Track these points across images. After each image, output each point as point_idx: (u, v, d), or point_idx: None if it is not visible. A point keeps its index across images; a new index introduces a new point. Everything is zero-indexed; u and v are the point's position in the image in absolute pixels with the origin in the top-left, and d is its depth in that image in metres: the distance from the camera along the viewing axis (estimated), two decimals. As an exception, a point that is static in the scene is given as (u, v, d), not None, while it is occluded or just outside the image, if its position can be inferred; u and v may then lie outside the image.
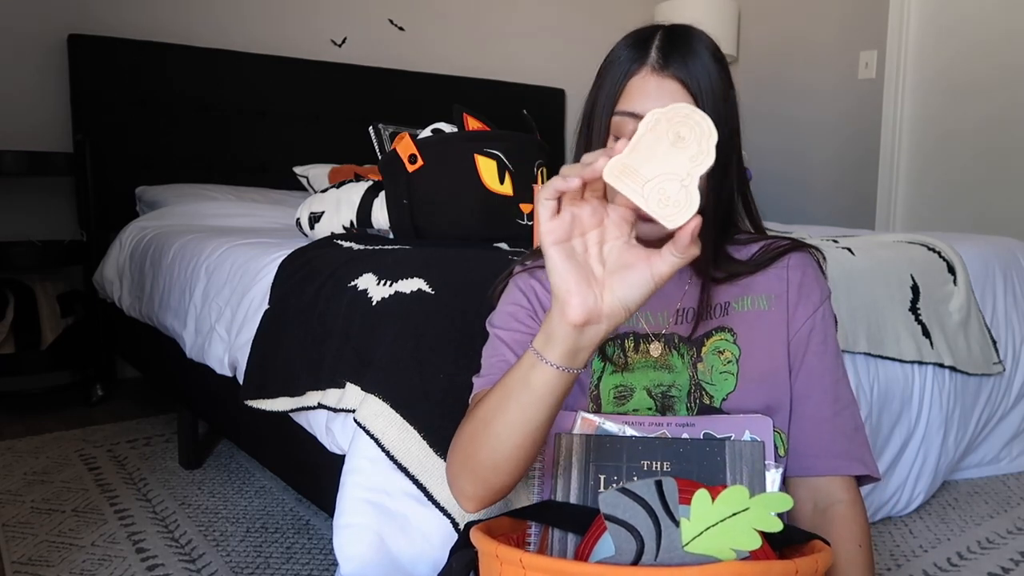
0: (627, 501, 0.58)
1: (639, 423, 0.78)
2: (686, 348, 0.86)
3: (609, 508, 0.58)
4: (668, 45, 0.82)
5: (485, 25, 3.67)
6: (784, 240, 0.91)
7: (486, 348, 0.90)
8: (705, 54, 0.82)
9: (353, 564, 0.98)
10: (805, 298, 0.88)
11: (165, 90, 2.78)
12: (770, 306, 0.88)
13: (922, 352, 1.66)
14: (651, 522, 0.58)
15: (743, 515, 0.57)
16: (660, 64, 0.81)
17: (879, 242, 1.86)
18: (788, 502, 0.58)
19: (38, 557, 1.50)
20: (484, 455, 0.75)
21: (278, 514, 1.70)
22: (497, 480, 0.76)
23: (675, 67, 0.81)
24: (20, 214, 2.63)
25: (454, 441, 0.82)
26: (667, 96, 0.80)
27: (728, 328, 0.87)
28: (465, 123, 1.64)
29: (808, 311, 0.88)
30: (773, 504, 0.58)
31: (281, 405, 1.25)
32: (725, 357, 0.85)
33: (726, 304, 0.88)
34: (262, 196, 2.64)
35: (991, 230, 3.07)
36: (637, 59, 0.83)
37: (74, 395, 2.63)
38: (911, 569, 1.47)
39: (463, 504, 0.82)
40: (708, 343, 0.86)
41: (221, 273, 1.66)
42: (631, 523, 0.58)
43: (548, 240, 0.65)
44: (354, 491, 1.00)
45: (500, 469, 0.75)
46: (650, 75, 0.81)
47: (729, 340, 0.86)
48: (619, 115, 0.82)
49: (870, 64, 3.54)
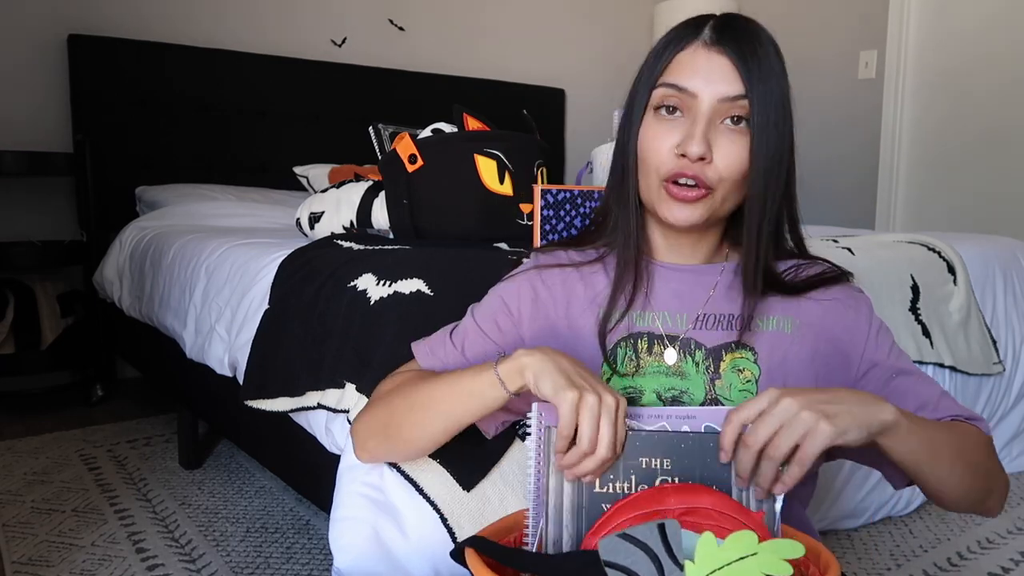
0: (627, 546, 0.56)
1: (638, 415, 0.77)
2: (702, 356, 0.83)
3: (609, 554, 0.56)
4: (724, 25, 0.78)
5: (485, 25, 3.67)
6: (819, 263, 0.87)
7: (453, 327, 0.91)
8: (764, 41, 0.77)
9: (347, 555, 0.98)
10: (867, 340, 0.86)
11: (165, 90, 2.78)
12: (793, 331, 0.84)
13: (922, 352, 1.66)
14: (654, 567, 0.56)
15: (751, 559, 0.55)
16: (713, 39, 0.77)
17: (879, 242, 1.86)
18: (799, 549, 0.55)
19: (38, 557, 1.50)
20: (407, 432, 0.81)
21: (278, 514, 1.70)
22: (406, 451, 0.84)
23: (728, 44, 0.76)
24: (20, 214, 2.63)
25: (377, 400, 0.86)
26: (716, 71, 0.75)
27: (750, 347, 0.83)
28: (465, 123, 1.64)
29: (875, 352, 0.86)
30: (783, 551, 0.56)
31: (281, 405, 1.25)
32: (744, 376, 0.82)
33: (749, 318, 0.83)
34: (262, 196, 2.64)
35: (991, 230, 3.07)
36: (688, 36, 0.78)
37: (74, 395, 2.63)
38: (911, 569, 1.47)
39: (360, 456, 0.87)
40: (727, 359, 0.83)
41: (221, 273, 1.66)
42: (632, 569, 0.56)
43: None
44: (350, 486, 1.01)
45: (415, 446, 0.83)
46: (700, 48, 0.77)
47: (750, 360, 0.82)
48: (663, 87, 0.78)
49: (870, 64, 3.54)
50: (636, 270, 0.84)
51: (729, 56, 0.76)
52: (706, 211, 0.79)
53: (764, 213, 0.79)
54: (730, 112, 0.76)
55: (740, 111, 0.76)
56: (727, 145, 0.76)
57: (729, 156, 0.76)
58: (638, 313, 0.85)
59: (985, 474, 0.78)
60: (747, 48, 0.76)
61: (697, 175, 0.77)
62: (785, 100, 0.77)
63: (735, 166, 0.77)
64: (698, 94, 0.76)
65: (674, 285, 0.86)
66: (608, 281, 0.86)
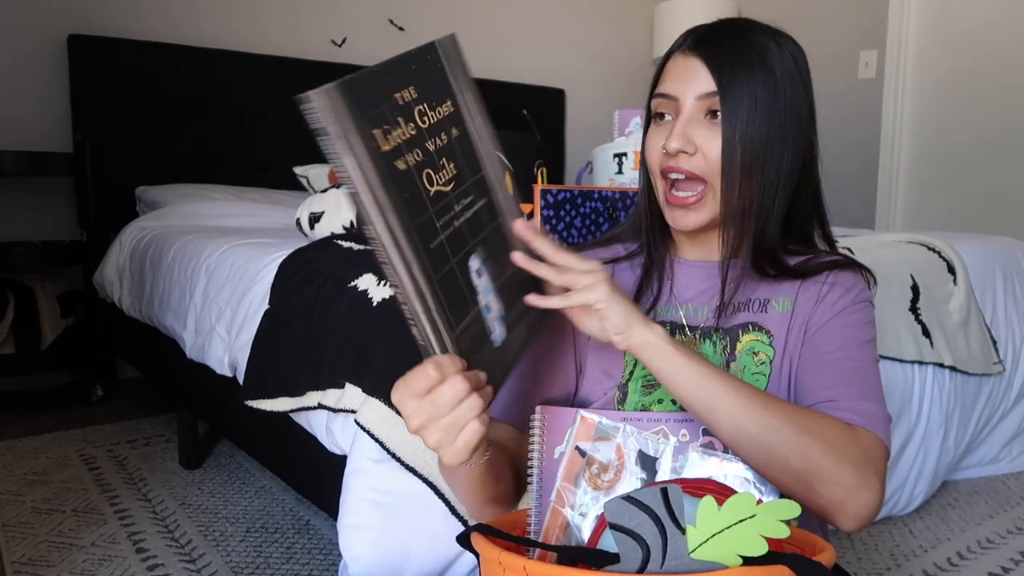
0: (632, 509, 0.58)
1: (637, 419, 0.77)
2: (719, 337, 0.85)
3: (614, 516, 0.58)
4: (707, 29, 0.83)
5: (485, 25, 3.67)
6: (836, 255, 0.88)
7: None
8: (747, 37, 0.81)
9: (360, 564, 0.98)
10: (828, 305, 0.83)
11: (165, 90, 2.78)
12: (795, 310, 0.84)
13: (922, 352, 1.66)
14: (657, 529, 0.57)
15: (750, 521, 0.57)
16: (690, 44, 0.82)
17: (879, 242, 1.86)
18: (796, 509, 0.57)
19: (38, 557, 1.50)
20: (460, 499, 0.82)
21: (278, 514, 1.70)
22: (484, 513, 0.81)
23: (703, 46, 0.81)
24: (20, 214, 2.63)
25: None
26: (691, 72, 0.80)
27: (765, 329, 0.84)
28: (465, 123, 1.64)
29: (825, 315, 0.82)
30: (780, 511, 0.57)
31: (281, 405, 1.25)
32: (759, 359, 0.83)
33: (766, 301, 0.85)
34: (262, 196, 2.64)
35: (991, 230, 3.07)
36: (674, 47, 0.84)
37: (74, 395, 2.63)
38: (911, 569, 1.47)
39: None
40: (743, 340, 0.84)
41: (221, 273, 1.66)
42: (636, 531, 0.57)
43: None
44: (359, 492, 1.01)
45: (479, 512, 0.81)
46: (680, 56, 0.83)
47: (765, 342, 0.83)
48: (656, 97, 0.84)
49: (870, 64, 3.54)
50: (661, 267, 0.89)
51: (701, 56, 0.81)
52: (708, 212, 0.82)
53: (753, 198, 0.81)
54: (709, 107, 0.80)
55: (715, 106, 0.80)
56: (707, 137, 0.80)
57: (708, 146, 0.80)
58: (663, 306, 0.89)
59: (820, 465, 0.70)
60: (722, 46, 0.81)
61: (683, 167, 0.81)
62: (776, 90, 0.80)
63: (719, 156, 0.80)
64: (679, 96, 0.82)
65: (696, 280, 0.89)
66: (635, 278, 0.90)
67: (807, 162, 0.84)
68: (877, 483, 0.71)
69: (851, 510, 0.70)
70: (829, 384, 0.78)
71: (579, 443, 0.76)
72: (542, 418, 0.78)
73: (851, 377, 0.78)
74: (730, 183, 0.80)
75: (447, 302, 0.63)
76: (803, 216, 0.87)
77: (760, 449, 0.70)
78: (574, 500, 0.74)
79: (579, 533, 0.73)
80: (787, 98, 0.80)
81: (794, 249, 0.87)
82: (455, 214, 0.66)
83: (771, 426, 0.69)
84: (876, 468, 0.72)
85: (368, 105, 0.58)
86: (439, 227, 0.63)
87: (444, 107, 0.66)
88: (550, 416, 0.78)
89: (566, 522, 0.73)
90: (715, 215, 0.82)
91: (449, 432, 0.62)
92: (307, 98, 0.53)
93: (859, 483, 0.69)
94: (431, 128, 0.64)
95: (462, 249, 0.66)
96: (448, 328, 0.63)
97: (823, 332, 0.81)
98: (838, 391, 0.77)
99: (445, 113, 0.66)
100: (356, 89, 0.57)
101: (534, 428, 0.77)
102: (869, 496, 0.70)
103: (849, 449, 0.71)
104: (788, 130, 0.81)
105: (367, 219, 0.57)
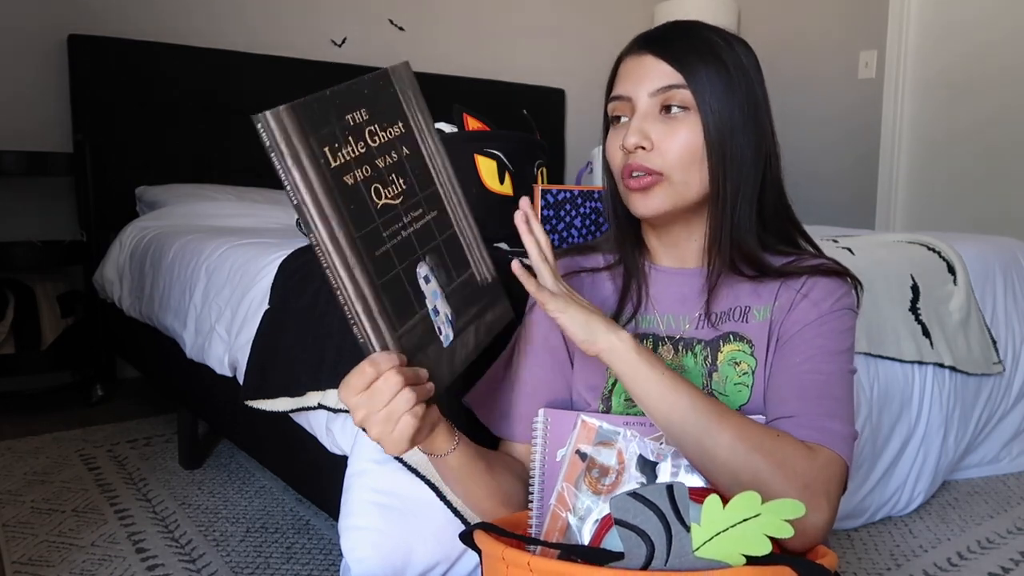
0: (638, 505, 0.58)
1: (640, 423, 0.77)
2: (701, 348, 0.84)
3: (620, 512, 0.58)
4: (653, 30, 0.85)
5: (485, 25, 3.66)
6: (821, 258, 0.86)
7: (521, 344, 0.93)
8: (690, 33, 0.83)
9: (363, 565, 0.98)
10: (800, 313, 0.81)
11: (165, 90, 2.78)
12: (773, 316, 0.84)
13: (922, 352, 1.66)
14: (662, 526, 0.57)
15: (754, 520, 0.57)
16: (639, 44, 0.84)
17: (879, 242, 1.86)
18: (800, 509, 0.57)
19: (38, 557, 1.50)
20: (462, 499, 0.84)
21: (278, 514, 1.70)
22: (492, 513, 0.81)
23: (652, 44, 0.83)
24: (20, 214, 2.63)
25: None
26: (642, 70, 0.82)
27: (747, 339, 0.83)
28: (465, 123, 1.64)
29: (796, 324, 0.81)
30: (784, 511, 0.57)
31: (281, 405, 1.25)
32: (741, 369, 0.83)
33: (747, 309, 0.84)
34: (262, 196, 2.64)
35: (991, 230, 3.07)
36: (624, 52, 0.86)
37: (74, 395, 2.62)
38: (911, 569, 1.47)
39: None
40: (725, 351, 0.84)
41: (221, 273, 1.66)
42: (642, 528, 0.57)
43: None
44: (361, 493, 1.00)
45: (485, 512, 0.82)
46: (629, 58, 0.85)
47: (747, 352, 0.83)
48: (611, 101, 0.86)
49: (870, 64, 3.54)
50: (638, 275, 0.89)
51: (653, 52, 0.82)
52: (667, 198, 0.82)
53: (724, 183, 0.82)
54: (663, 103, 0.82)
55: (670, 100, 0.81)
56: (663, 132, 0.81)
57: (665, 142, 0.81)
58: (642, 316, 0.88)
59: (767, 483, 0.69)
60: (673, 42, 0.82)
61: (642, 164, 0.82)
62: (731, 81, 0.81)
63: (675, 150, 0.81)
64: (631, 96, 0.83)
65: (674, 289, 0.88)
66: (614, 288, 0.90)
67: (768, 154, 0.86)
68: (825, 504, 0.71)
69: (796, 528, 0.70)
70: (790, 398, 0.78)
71: (580, 447, 0.76)
72: (545, 420, 0.78)
73: (816, 392, 0.77)
74: (700, 167, 0.81)
75: (391, 305, 0.67)
76: (774, 212, 0.87)
77: (713, 462, 0.71)
78: (574, 503, 0.74)
79: (579, 536, 0.73)
80: (743, 89, 0.82)
81: (780, 250, 0.86)
82: (403, 225, 0.70)
83: (724, 442, 0.70)
84: (828, 489, 0.72)
85: (319, 124, 0.63)
86: (385, 236, 0.68)
87: (395, 128, 0.71)
88: (554, 419, 0.78)
89: (566, 525, 0.73)
90: (674, 205, 0.82)
91: (387, 424, 0.66)
92: (261, 118, 0.58)
93: (805, 503, 0.67)
94: (381, 147, 0.69)
95: (409, 256, 0.70)
96: (390, 328, 0.67)
97: (792, 343, 0.81)
98: (799, 406, 0.77)
99: (396, 133, 0.71)
100: (308, 110, 0.62)
101: (536, 430, 0.77)
102: (816, 517, 0.70)
103: (800, 468, 0.71)
104: (748, 118, 0.82)
105: (310, 227, 0.63)
